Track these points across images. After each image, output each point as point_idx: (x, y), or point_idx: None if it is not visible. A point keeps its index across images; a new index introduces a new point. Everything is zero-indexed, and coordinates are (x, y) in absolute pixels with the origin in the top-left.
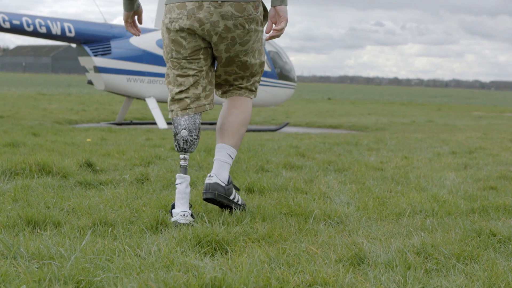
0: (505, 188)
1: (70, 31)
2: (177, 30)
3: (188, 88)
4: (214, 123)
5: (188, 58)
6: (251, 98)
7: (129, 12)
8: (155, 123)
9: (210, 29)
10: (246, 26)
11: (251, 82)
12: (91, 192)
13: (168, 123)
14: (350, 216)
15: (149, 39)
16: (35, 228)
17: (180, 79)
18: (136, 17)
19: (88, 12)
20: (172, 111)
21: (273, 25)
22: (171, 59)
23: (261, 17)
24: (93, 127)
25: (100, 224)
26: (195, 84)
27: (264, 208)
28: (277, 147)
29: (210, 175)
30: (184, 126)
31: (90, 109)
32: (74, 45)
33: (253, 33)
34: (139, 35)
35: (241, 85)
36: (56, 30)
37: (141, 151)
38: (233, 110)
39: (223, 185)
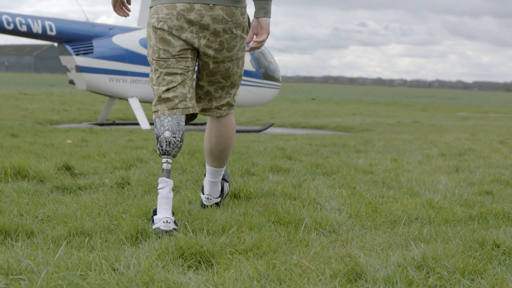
0: (501, 193)
1: (51, 30)
2: (164, 30)
3: (176, 87)
4: (198, 124)
5: (177, 56)
6: (233, 112)
7: None
8: (138, 124)
9: (198, 31)
10: (234, 31)
11: (232, 95)
12: (68, 198)
13: (151, 123)
14: (343, 225)
15: (132, 38)
16: (6, 239)
17: (168, 77)
18: None
19: (72, 12)
20: (157, 111)
21: (254, 36)
22: (158, 59)
23: (247, 25)
24: (74, 128)
25: (76, 234)
26: (182, 83)
27: (251, 215)
28: (262, 149)
29: (207, 197)
30: (167, 127)
31: (72, 109)
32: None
33: (239, 39)
34: (128, 15)
35: (222, 102)
36: (37, 28)
37: (122, 153)
38: (221, 140)
39: (219, 200)
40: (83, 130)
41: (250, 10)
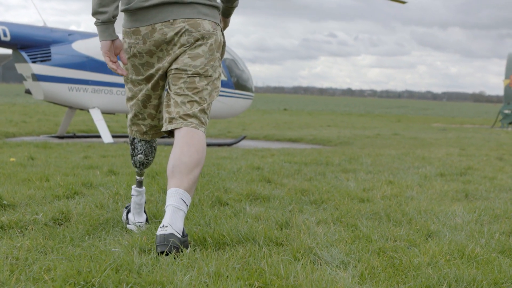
0: None
1: (5, 35)
2: (136, 56)
3: (144, 118)
4: (165, 136)
5: (143, 84)
6: (203, 132)
7: (105, 41)
8: (100, 136)
9: (168, 48)
10: (200, 40)
11: (199, 109)
12: None
13: (114, 136)
14: None
15: (94, 44)
16: None
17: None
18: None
19: (41, 22)
20: (131, 131)
21: None
22: (131, 79)
23: (220, 41)
24: (26, 142)
25: None
26: (149, 111)
27: (225, 278)
28: (236, 169)
29: (163, 225)
30: (141, 151)
31: (31, 121)
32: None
33: (208, 50)
34: (126, 75)
35: (188, 112)
36: None
37: (70, 175)
38: (186, 149)
39: (179, 236)
40: (36, 144)
41: None
